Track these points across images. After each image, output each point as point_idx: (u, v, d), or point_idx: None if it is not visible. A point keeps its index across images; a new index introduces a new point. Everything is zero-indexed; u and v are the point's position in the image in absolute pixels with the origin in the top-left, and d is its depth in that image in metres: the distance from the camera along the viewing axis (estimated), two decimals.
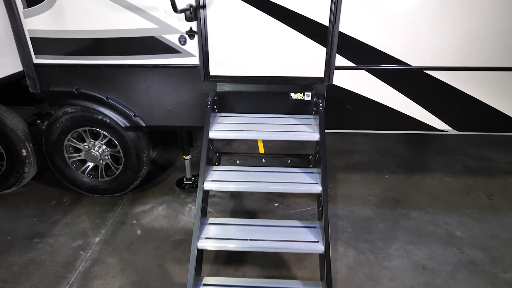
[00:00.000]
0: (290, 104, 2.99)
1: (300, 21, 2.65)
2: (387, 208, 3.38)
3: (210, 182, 2.63)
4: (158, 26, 2.72)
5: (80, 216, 3.25)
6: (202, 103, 2.97)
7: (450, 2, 2.56)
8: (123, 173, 3.35)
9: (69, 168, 3.38)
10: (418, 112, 2.97)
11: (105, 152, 3.32)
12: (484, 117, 2.99)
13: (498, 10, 2.58)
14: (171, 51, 2.81)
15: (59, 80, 3.01)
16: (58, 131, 3.18)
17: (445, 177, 3.91)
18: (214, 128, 2.78)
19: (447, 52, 2.74)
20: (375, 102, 2.94)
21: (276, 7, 2.61)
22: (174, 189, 3.68)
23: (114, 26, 2.74)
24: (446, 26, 2.64)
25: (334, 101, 2.96)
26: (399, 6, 2.60)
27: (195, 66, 2.86)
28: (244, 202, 3.48)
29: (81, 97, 3.05)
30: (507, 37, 2.68)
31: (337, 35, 2.69)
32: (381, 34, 2.69)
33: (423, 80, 2.84)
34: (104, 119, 3.09)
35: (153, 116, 3.10)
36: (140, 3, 2.65)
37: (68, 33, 2.80)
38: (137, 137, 3.20)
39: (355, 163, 4.23)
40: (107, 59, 2.88)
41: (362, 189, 3.68)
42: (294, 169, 2.82)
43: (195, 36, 2.74)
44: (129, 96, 3.03)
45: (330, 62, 2.78)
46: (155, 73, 2.91)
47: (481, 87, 2.87)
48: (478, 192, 3.64)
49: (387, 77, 2.85)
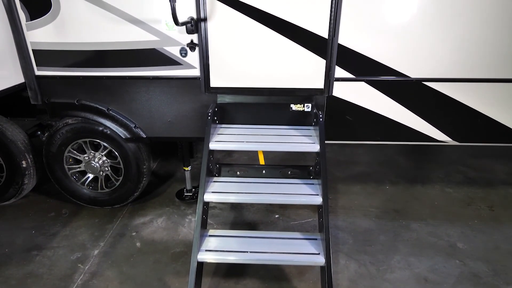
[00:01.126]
0: (290, 115, 3.01)
1: (299, 34, 2.69)
2: (388, 220, 3.36)
3: (210, 193, 2.62)
4: (160, 39, 2.75)
5: (79, 228, 3.23)
6: (203, 115, 2.98)
7: (448, 15, 2.60)
8: (123, 185, 3.33)
9: (69, 179, 3.37)
10: (417, 123, 2.98)
11: (105, 164, 3.32)
12: (484, 128, 3.00)
13: (496, 22, 2.62)
14: (172, 63, 2.83)
15: (60, 91, 3.03)
16: (59, 142, 3.18)
17: (446, 188, 3.90)
18: (215, 139, 2.78)
19: (445, 64, 2.77)
20: (375, 113, 2.96)
21: (276, 20, 2.65)
22: (174, 201, 3.66)
23: (116, 39, 2.77)
24: (444, 38, 2.68)
25: (334, 112, 2.97)
26: (397, 19, 2.64)
27: (196, 78, 2.88)
28: (244, 213, 3.46)
29: (82, 108, 3.07)
30: (505, 49, 2.71)
31: (337, 47, 2.72)
32: (379, 46, 2.72)
33: (422, 91, 2.86)
34: (105, 131, 3.10)
35: (153, 127, 3.11)
36: (142, 16, 2.69)
37: (70, 46, 2.83)
38: (137, 148, 3.20)
39: (355, 174, 4.22)
40: (109, 71, 2.90)
41: (362, 200, 3.66)
42: (295, 180, 2.81)
43: (196, 48, 2.77)
44: (130, 107, 3.04)
45: (330, 74, 2.80)
46: (156, 84, 2.93)
47: (480, 99, 2.89)
48: (479, 203, 3.62)
49: (386, 88, 2.87)
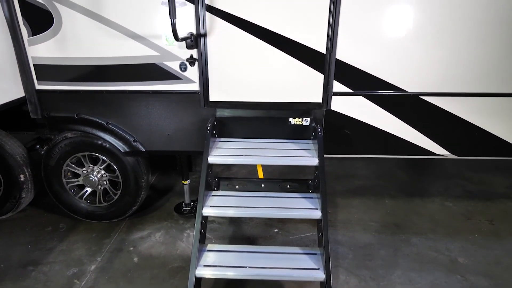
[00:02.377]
0: (289, 129, 3.02)
1: (298, 49, 2.73)
2: (388, 234, 3.34)
3: (209, 207, 2.61)
4: (160, 54, 2.79)
5: (76, 243, 3.19)
6: (202, 128, 2.99)
7: (445, 29, 2.65)
8: (121, 199, 3.32)
9: (66, 193, 3.35)
10: (416, 137, 3.00)
11: (103, 177, 3.31)
12: (481, 142, 3.02)
13: (493, 37, 2.66)
14: (171, 78, 2.86)
15: (60, 105, 3.04)
16: (57, 156, 3.18)
17: (445, 201, 3.89)
18: (214, 153, 2.78)
19: (442, 78, 2.80)
20: (373, 127, 2.98)
21: (274, 35, 2.69)
22: (172, 215, 3.63)
23: (116, 54, 2.81)
24: (441, 53, 2.72)
25: (333, 126, 2.99)
26: (394, 34, 2.68)
27: (195, 92, 2.90)
28: (243, 227, 3.44)
29: (81, 122, 3.08)
30: (501, 64, 2.75)
31: (334, 62, 2.75)
32: (376, 61, 2.76)
33: (420, 106, 2.89)
34: (104, 144, 3.10)
35: (152, 141, 3.12)
36: (143, 31, 2.73)
37: (70, 60, 2.86)
38: (136, 162, 3.20)
39: (354, 187, 4.21)
40: (109, 85, 2.93)
41: (362, 214, 3.64)
42: (294, 194, 2.81)
43: (196, 63, 2.80)
44: (130, 121, 3.05)
45: (328, 88, 2.83)
46: (155, 98, 2.95)
47: (477, 112, 2.91)
48: (479, 217, 3.61)
49: (384, 103, 2.90)
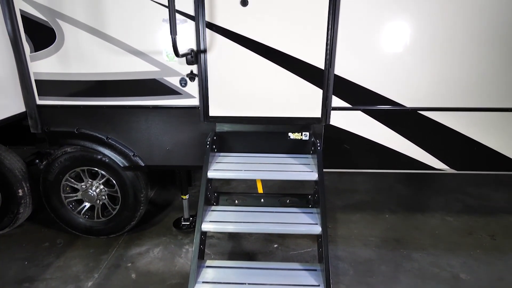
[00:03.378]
0: (288, 144, 3.03)
1: (297, 65, 2.76)
2: (389, 249, 3.30)
3: (208, 223, 2.59)
4: (160, 69, 2.82)
5: (73, 259, 3.15)
6: (201, 143, 3.00)
7: (442, 44, 2.69)
8: (120, 214, 3.29)
9: (65, 208, 3.33)
10: (415, 151, 3.00)
11: (102, 192, 3.29)
12: (480, 156, 3.02)
13: (490, 52, 2.70)
14: (172, 93, 2.88)
15: (61, 120, 3.06)
16: (57, 170, 3.18)
17: (446, 216, 3.86)
18: (213, 168, 2.78)
19: (440, 93, 2.83)
20: (372, 142, 2.99)
21: (273, 51, 2.73)
22: (171, 230, 3.60)
23: (117, 69, 2.84)
24: (437, 68, 2.75)
25: (332, 140, 3.00)
26: (391, 49, 2.72)
27: (195, 107, 2.92)
28: (242, 243, 3.40)
29: (81, 137, 3.09)
30: (499, 79, 2.78)
31: (333, 77, 2.79)
32: (374, 76, 2.79)
33: (418, 120, 2.91)
34: (103, 159, 3.10)
35: (152, 156, 3.12)
36: (144, 47, 2.77)
37: (72, 76, 2.89)
38: (135, 177, 3.19)
39: (354, 202, 4.19)
40: (109, 100, 2.95)
41: (362, 229, 3.61)
42: (293, 209, 2.79)
43: (196, 79, 2.83)
44: (129, 136, 3.06)
45: (327, 103, 2.86)
46: (155, 113, 2.97)
47: (475, 127, 2.93)
48: (480, 232, 3.58)
49: (382, 117, 2.92)
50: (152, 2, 2.64)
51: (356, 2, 2.60)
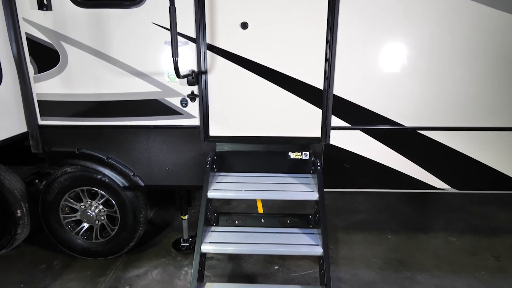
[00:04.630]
0: (288, 163, 3.03)
1: (296, 85, 2.80)
2: (392, 271, 3.24)
3: (208, 244, 2.56)
4: (161, 90, 2.86)
5: (70, 282, 3.09)
6: (201, 163, 3.00)
7: (440, 64, 2.73)
8: (118, 234, 3.25)
9: (63, 229, 3.29)
10: (415, 171, 3.00)
11: (101, 212, 3.27)
12: (482, 175, 3.01)
13: (489, 71, 2.74)
14: (172, 113, 2.91)
15: (62, 140, 3.07)
16: (56, 191, 3.16)
17: (449, 236, 3.81)
18: (213, 188, 2.77)
19: (438, 113, 2.85)
20: (372, 161, 2.98)
21: (273, 72, 2.78)
22: (170, 251, 3.54)
23: (119, 90, 2.88)
24: (436, 88, 2.79)
25: (332, 160, 3.00)
26: (389, 69, 2.76)
27: (196, 127, 2.94)
28: (242, 264, 3.34)
29: (82, 157, 3.09)
30: (498, 98, 2.80)
31: (332, 97, 2.82)
32: (373, 96, 2.82)
33: (418, 139, 2.91)
34: (103, 179, 3.09)
35: (152, 176, 3.11)
36: (145, 69, 2.82)
37: (74, 96, 2.92)
38: (135, 197, 3.17)
39: (356, 222, 4.14)
40: (111, 120, 2.97)
41: (364, 250, 3.56)
42: (294, 230, 2.77)
43: (196, 99, 2.86)
44: (130, 155, 3.07)
45: (326, 123, 2.88)
46: (156, 133, 2.98)
47: (475, 147, 2.93)
48: (484, 252, 3.52)
49: (382, 137, 2.93)
50: (154, 25, 2.71)
51: (353, 24, 2.66)
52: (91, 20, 2.72)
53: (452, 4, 2.60)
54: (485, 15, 2.62)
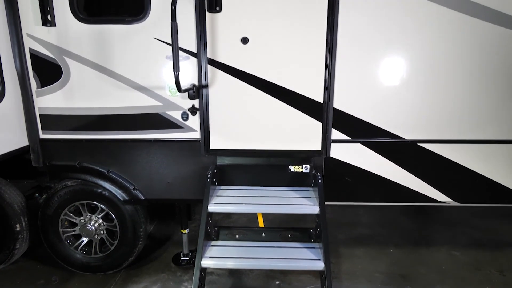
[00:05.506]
0: (289, 176, 3.02)
1: (296, 99, 2.82)
2: (395, 286, 3.18)
3: (208, 258, 2.53)
4: (162, 104, 2.88)
5: None
6: (202, 176, 2.99)
7: (439, 77, 2.75)
8: (118, 249, 3.22)
9: (62, 243, 3.26)
10: (416, 184, 2.98)
11: (101, 227, 3.24)
12: (483, 188, 3.00)
13: (489, 84, 2.76)
14: (173, 127, 2.92)
15: (63, 154, 3.08)
16: (56, 204, 3.15)
17: (453, 250, 3.76)
18: (213, 202, 2.76)
19: (438, 125, 2.86)
20: (373, 174, 2.98)
21: (273, 86, 2.80)
22: (170, 266, 3.50)
23: (121, 104, 2.90)
24: (435, 101, 2.80)
25: (333, 173, 2.99)
26: (388, 83, 2.79)
27: (196, 140, 2.95)
28: (243, 279, 3.29)
29: (82, 170, 3.09)
30: (498, 111, 2.82)
31: (332, 111, 2.83)
32: (372, 110, 2.84)
33: (418, 152, 2.91)
34: (103, 193, 3.09)
35: (152, 189, 3.10)
36: (147, 83, 2.84)
37: (76, 110, 2.94)
38: (135, 211, 3.16)
39: (357, 236, 4.10)
40: (112, 134, 2.98)
41: (367, 265, 3.51)
42: (295, 244, 2.74)
43: (197, 113, 2.88)
44: (130, 169, 3.07)
45: (327, 136, 2.88)
46: (157, 147, 2.99)
47: (475, 159, 2.93)
48: (489, 267, 3.47)
49: (382, 150, 2.93)
50: (156, 40, 2.75)
51: (353, 38, 2.70)
52: (94, 35, 2.76)
53: (451, 18, 2.64)
54: (484, 30, 2.65)
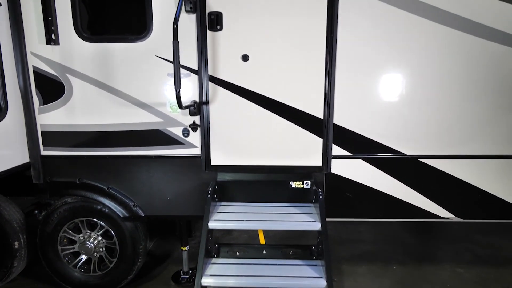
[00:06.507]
0: (290, 192, 3.01)
1: (296, 115, 2.84)
2: None
3: (208, 277, 2.49)
4: (164, 120, 2.90)
5: None
6: (203, 192, 2.97)
7: (439, 93, 2.77)
8: (117, 267, 3.18)
9: (60, 261, 3.22)
10: (418, 199, 2.96)
11: (100, 244, 3.21)
12: (486, 204, 2.97)
13: (490, 99, 2.78)
14: (174, 143, 2.93)
15: (63, 171, 3.08)
16: (55, 222, 3.12)
17: (456, 267, 3.70)
18: (214, 218, 2.74)
19: (439, 141, 2.87)
20: (374, 190, 2.96)
21: (273, 102, 2.83)
22: (169, 284, 3.44)
23: (122, 120, 2.92)
24: (435, 116, 2.82)
25: (334, 189, 2.98)
26: (388, 99, 2.81)
27: (197, 157, 2.95)
28: None
29: (83, 187, 3.08)
30: (499, 126, 2.83)
31: (332, 126, 2.85)
32: (372, 125, 2.85)
33: (419, 168, 2.91)
34: (103, 209, 3.07)
35: (152, 206, 3.09)
36: (148, 100, 2.87)
37: (78, 127, 2.96)
38: (134, 227, 3.13)
39: (360, 253, 4.05)
40: (113, 150, 2.99)
41: (370, 283, 3.45)
42: (297, 261, 2.71)
43: (198, 129, 2.90)
44: (131, 185, 3.06)
45: (327, 152, 2.89)
46: (157, 163, 2.99)
47: (476, 175, 2.92)
48: (494, 284, 3.40)
49: (383, 165, 2.92)
50: (158, 58, 2.79)
51: (352, 55, 2.74)
52: (97, 53, 2.81)
53: (449, 35, 2.68)
54: (481, 47, 2.69)
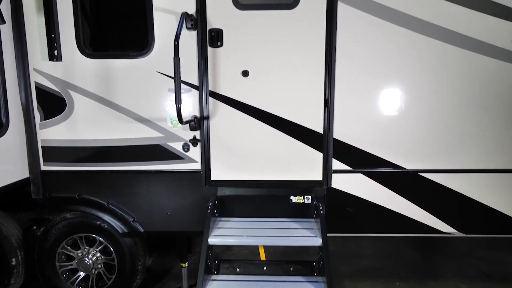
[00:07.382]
0: (290, 207, 2.99)
1: (296, 130, 2.85)
2: None
3: None
4: (164, 135, 2.91)
5: None
6: (203, 207, 2.96)
7: (438, 107, 2.79)
8: (115, 284, 3.13)
9: (58, 278, 3.17)
10: (420, 214, 2.94)
11: (98, 260, 3.17)
12: (487, 219, 2.95)
13: (488, 113, 2.80)
14: (174, 158, 2.93)
15: (63, 186, 3.07)
16: (54, 237, 3.09)
17: (460, 283, 3.64)
18: (214, 234, 2.72)
19: (440, 155, 2.86)
20: (375, 205, 2.95)
21: (274, 117, 2.84)
22: None
23: (123, 136, 2.93)
24: (436, 130, 2.83)
25: (335, 204, 2.96)
26: (387, 113, 2.82)
27: (197, 171, 2.95)
28: None
29: (82, 202, 3.06)
30: (500, 140, 2.83)
31: (332, 141, 2.85)
32: (372, 140, 2.86)
33: (420, 182, 2.90)
34: (102, 225, 3.04)
35: (152, 221, 3.06)
36: (149, 115, 2.89)
37: (78, 142, 2.97)
38: (133, 243, 3.10)
39: (362, 269, 3.99)
40: (113, 165, 2.99)
41: None
42: (298, 278, 2.67)
43: (198, 144, 2.90)
44: (130, 201, 3.04)
45: (328, 166, 2.88)
46: (157, 178, 2.98)
47: (478, 189, 2.91)
48: None
49: (384, 180, 2.92)
50: (159, 74, 2.82)
51: (351, 70, 2.77)
52: (98, 69, 2.84)
53: (450, 51, 2.72)
54: (482, 63, 2.72)
